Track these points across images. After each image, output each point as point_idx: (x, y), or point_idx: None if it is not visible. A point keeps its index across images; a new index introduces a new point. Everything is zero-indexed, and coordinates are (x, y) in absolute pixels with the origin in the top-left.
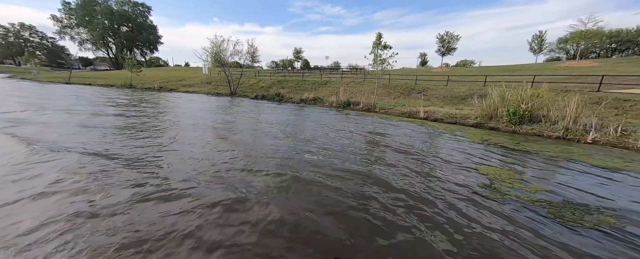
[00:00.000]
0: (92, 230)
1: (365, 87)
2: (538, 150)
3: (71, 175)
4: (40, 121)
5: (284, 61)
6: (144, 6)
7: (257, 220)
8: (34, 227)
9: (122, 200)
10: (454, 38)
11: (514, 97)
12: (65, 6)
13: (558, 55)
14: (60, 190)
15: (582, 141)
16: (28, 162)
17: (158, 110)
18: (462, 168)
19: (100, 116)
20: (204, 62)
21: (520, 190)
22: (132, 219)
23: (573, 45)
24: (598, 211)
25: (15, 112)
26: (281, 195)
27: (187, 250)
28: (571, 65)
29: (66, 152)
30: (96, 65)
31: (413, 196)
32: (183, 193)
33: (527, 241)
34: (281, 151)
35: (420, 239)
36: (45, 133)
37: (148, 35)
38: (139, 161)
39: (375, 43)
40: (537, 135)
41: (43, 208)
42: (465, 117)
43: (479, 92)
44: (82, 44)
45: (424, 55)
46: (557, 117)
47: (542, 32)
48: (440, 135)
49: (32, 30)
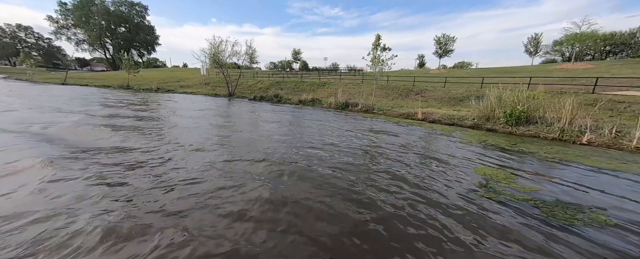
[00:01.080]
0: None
1: (364, 88)
2: (534, 151)
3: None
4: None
5: (283, 62)
6: (141, 6)
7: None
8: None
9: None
10: (451, 40)
11: (510, 98)
12: (62, 7)
13: (553, 57)
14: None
15: (578, 143)
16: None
17: (156, 111)
18: (459, 168)
19: (116, 117)
20: (202, 63)
21: (516, 189)
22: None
23: (568, 47)
24: (590, 210)
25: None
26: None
27: (216, 217)
28: (566, 67)
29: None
30: (93, 66)
31: (408, 195)
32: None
33: (522, 241)
34: (277, 151)
35: (413, 237)
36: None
37: (145, 36)
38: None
39: (374, 45)
40: (534, 136)
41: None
42: (463, 118)
43: (476, 93)
44: (78, 45)
45: (422, 57)
46: (553, 118)
47: (537, 34)
48: (438, 136)
49: (28, 31)
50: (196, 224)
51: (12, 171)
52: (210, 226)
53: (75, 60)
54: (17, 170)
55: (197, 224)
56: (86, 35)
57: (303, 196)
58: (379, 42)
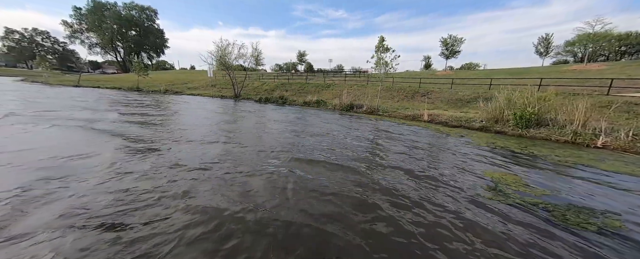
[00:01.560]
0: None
1: (369, 90)
2: (546, 154)
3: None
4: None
5: (288, 64)
6: (151, 10)
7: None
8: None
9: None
10: (458, 41)
11: (520, 100)
12: (76, 12)
13: (565, 58)
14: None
15: (592, 146)
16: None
17: (164, 114)
18: (466, 171)
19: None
20: (209, 66)
21: (525, 193)
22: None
23: (580, 48)
24: (603, 215)
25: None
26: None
27: (238, 194)
28: (579, 68)
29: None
30: (104, 69)
31: (413, 198)
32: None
33: (532, 245)
34: (282, 151)
35: (420, 239)
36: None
37: (155, 39)
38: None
39: (378, 47)
40: (545, 139)
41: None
42: (471, 120)
43: (484, 95)
44: (91, 48)
45: (428, 58)
46: (565, 120)
47: (548, 34)
48: (444, 137)
49: (44, 35)
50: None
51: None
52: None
53: (88, 63)
54: (108, 157)
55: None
56: (99, 38)
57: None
58: (383, 43)
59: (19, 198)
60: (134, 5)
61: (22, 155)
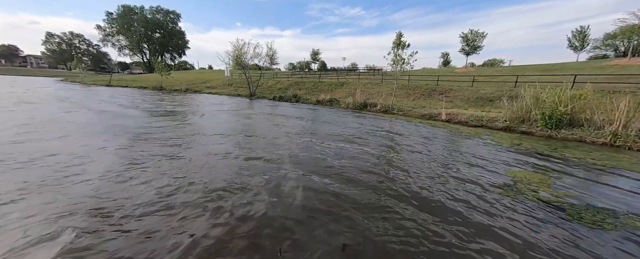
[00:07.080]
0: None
1: (383, 88)
2: (580, 156)
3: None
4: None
5: (301, 63)
6: (175, 14)
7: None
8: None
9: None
10: (480, 36)
11: (550, 98)
12: (108, 16)
13: (605, 52)
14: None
15: (635, 149)
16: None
17: (194, 107)
18: (488, 171)
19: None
20: (226, 65)
21: (554, 195)
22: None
23: (623, 41)
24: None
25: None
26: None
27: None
28: (621, 63)
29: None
30: (132, 69)
31: (431, 198)
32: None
33: (561, 249)
34: (293, 146)
35: (438, 237)
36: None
37: (177, 41)
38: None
39: (395, 43)
40: (579, 141)
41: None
42: (493, 119)
43: (508, 93)
44: (121, 50)
45: (446, 55)
46: (603, 121)
47: (584, 27)
48: (464, 138)
49: (80, 38)
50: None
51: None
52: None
53: (117, 64)
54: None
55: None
56: (127, 41)
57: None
58: (401, 40)
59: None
60: (160, 10)
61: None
